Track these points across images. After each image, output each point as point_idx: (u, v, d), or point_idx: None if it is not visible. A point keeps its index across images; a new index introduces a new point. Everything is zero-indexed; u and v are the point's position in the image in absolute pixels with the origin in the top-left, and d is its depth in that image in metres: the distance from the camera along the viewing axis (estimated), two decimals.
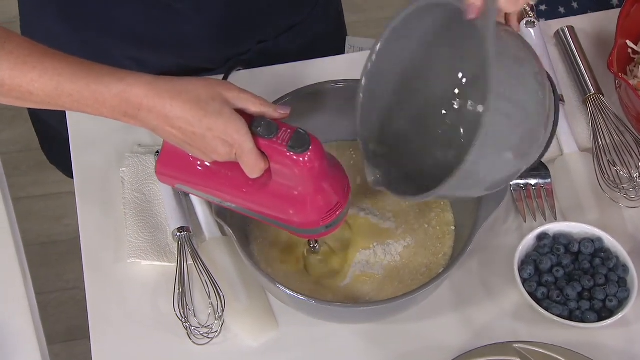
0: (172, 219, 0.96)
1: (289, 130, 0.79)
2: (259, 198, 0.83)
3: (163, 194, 0.98)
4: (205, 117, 0.76)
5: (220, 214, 0.87)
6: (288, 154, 0.78)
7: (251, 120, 0.79)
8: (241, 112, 0.79)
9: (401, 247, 0.94)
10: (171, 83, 0.77)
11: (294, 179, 0.80)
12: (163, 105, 0.76)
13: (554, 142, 1.06)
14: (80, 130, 1.05)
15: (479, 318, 0.93)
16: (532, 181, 1.02)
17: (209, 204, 0.98)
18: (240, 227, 0.93)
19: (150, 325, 0.92)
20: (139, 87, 0.77)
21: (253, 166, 0.79)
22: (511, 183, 1.01)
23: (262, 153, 0.79)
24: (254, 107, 0.80)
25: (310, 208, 0.82)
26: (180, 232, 0.95)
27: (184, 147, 0.80)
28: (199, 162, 0.84)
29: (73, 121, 1.06)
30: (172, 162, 0.85)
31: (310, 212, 0.82)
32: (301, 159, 0.78)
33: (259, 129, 0.78)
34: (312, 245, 0.92)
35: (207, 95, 0.77)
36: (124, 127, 1.05)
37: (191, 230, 0.95)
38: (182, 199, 0.98)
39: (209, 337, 0.90)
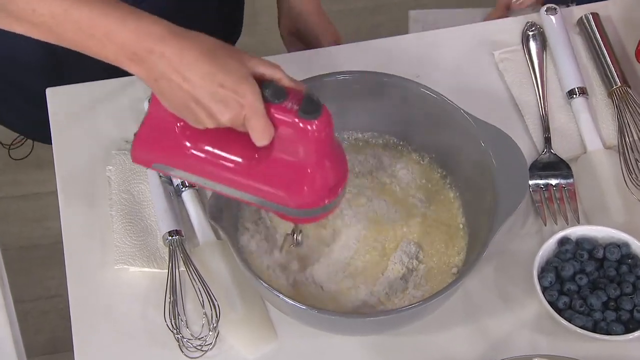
0: (162, 222, 0.96)
1: (298, 96, 0.78)
2: (254, 174, 0.82)
3: (153, 195, 0.98)
4: (220, 72, 0.76)
5: (215, 216, 0.87)
6: (297, 120, 0.78)
7: (259, 84, 0.78)
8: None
9: (415, 246, 0.95)
10: (190, 31, 0.78)
11: (299, 149, 0.80)
12: (180, 50, 0.76)
13: (577, 139, 1.06)
14: (64, 125, 1.05)
15: (494, 329, 0.93)
16: (553, 181, 1.02)
17: (203, 205, 0.98)
18: (236, 231, 0.93)
19: (139, 337, 0.92)
20: (157, 26, 0.76)
21: (263, 131, 0.78)
22: (530, 183, 1.01)
23: None
24: (269, 71, 0.79)
25: (312, 184, 0.81)
26: (172, 236, 0.95)
27: (183, 108, 0.79)
28: (187, 138, 0.82)
29: (55, 115, 1.06)
30: (154, 136, 0.83)
31: (311, 188, 0.82)
32: (310, 126, 0.78)
33: (267, 93, 0.78)
34: (295, 237, 0.92)
35: (224, 53, 0.77)
36: (111, 122, 1.05)
37: (183, 234, 0.95)
38: (174, 200, 0.98)
39: (202, 350, 0.90)
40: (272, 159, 0.81)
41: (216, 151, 0.82)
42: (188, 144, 0.83)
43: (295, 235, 0.92)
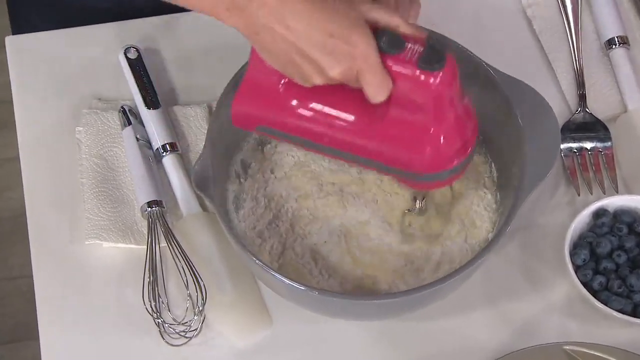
0: (140, 191, 0.96)
1: (418, 45, 0.78)
2: (371, 135, 0.83)
3: (129, 160, 0.98)
4: (329, 19, 0.76)
5: (202, 185, 0.88)
6: (417, 72, 0.77)
7: (374, 33, 0.78)
8: None
9: None
10: None
11: (420, 105, 0.80)
12: None
13: (616, 96, 1.06)
14: (26, 80, 1.05)
15: (519, 314, 0.94)
16: (588, 145, 1.02)
17: (187, 172, 0.98)
18: (226, 201, 0.94)
19: (114, 323, 0.92)
20: None
21: (380, 84, 0.78)
22: (562, 147, 1.01)
23: None
24: (384, 17, 0.78)
25: (437, 144, 0.82)
26: (151, 207, 0.95)
27: (288, 64, 0.79)
28: (293, 97, 0.83)
29: (16, 68, 1.06)
30: (256, 95, 0.84)
31: (436, 149, 0.82)
32: (432, 78, 0.77)
33: (382, 42, 0.77)
34: (419, 204, 0.93)
35: None
36: (81, 77, 1.05)
37: (164, 205, 0.96)
38: (154, 166, 0.98)
39: (186, 337, 0.91)
40: (391, 117, 0.81)
41: (327, 110, 0.83)
42: (294, 103, 0.83)
43: (418, 202, 0.93)
